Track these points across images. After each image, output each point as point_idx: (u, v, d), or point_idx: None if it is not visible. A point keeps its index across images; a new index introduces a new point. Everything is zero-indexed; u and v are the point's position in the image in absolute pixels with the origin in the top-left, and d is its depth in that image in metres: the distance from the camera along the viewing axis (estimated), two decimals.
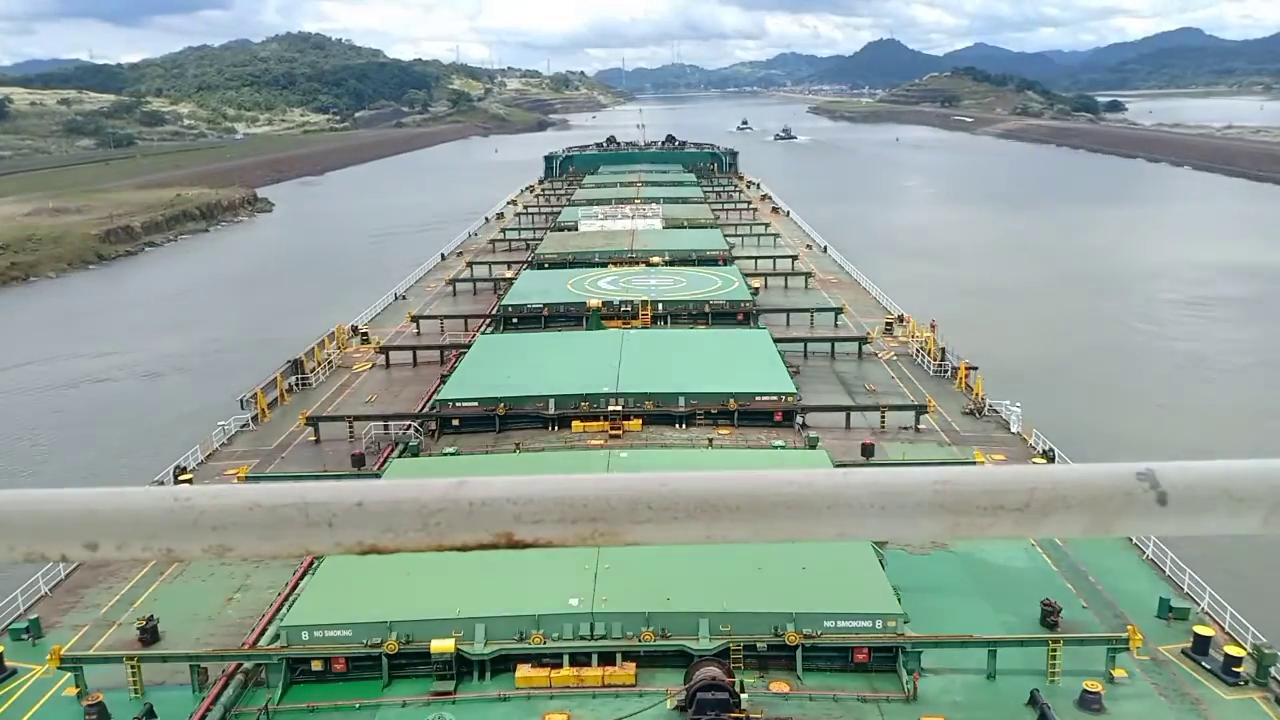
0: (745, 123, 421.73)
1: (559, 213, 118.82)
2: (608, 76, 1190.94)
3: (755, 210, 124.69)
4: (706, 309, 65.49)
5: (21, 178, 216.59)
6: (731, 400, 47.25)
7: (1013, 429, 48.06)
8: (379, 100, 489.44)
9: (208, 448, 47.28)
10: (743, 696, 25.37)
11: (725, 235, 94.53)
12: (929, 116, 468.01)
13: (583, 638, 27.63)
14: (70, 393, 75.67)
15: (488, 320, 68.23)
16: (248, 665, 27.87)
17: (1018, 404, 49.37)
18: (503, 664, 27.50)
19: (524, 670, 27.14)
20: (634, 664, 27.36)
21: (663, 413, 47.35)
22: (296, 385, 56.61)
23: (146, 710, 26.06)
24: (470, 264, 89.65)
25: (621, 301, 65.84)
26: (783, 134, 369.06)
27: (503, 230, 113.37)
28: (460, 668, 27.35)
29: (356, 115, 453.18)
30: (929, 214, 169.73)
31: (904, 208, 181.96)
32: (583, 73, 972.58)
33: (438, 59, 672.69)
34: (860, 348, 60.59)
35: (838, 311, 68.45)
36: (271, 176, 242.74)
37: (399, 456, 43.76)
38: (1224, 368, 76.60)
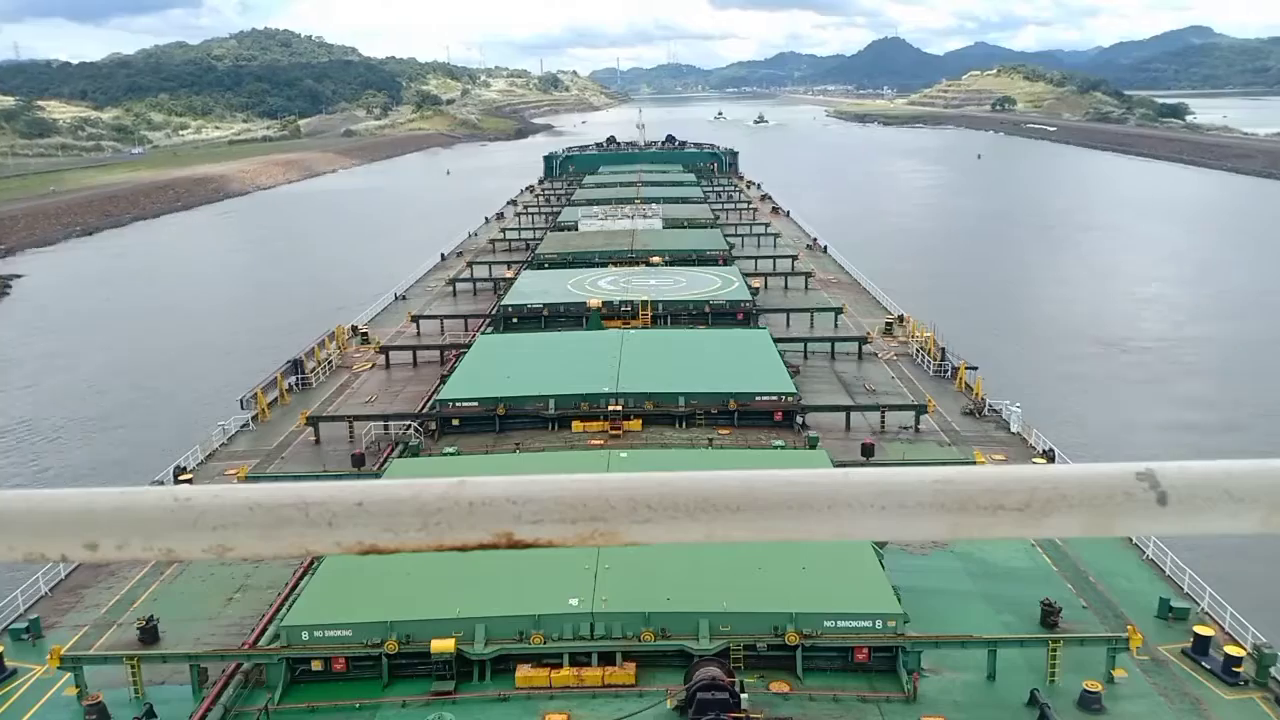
0: (720, 114, 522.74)
1: (559, 213, 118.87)
2: (600, 77, 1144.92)
3: (755, 210, 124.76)
4: (706, 309, 65.46)
5: None
6: (731, 400, 47.23)
7: (1013, 429, 48.08)
8: (339, 103, 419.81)
9: (208, 448, 47.27)
10: (743, 696, 25.33)
11: (725, 235, 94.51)
12: (984, 121, 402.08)
13: (583, 638, 27.61)
14: None
15: (488, 320, 68.25)
16: (248, 665, 27.86)
17: (1017, 404, 49.38)
18: (503, 664, 27.48)
19: (524, 670, 27.12)
20: (634, 664, 27.34)
21: (663, 413, 47.35)
22: (296, 385, 56.67)
23: (146, 710, 26.07)
24: (470, 264, 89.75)
25: (621, 301, 65.81)
26: (758, 120, 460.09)
27: (502, 230, 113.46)
28: (460, 668, 27.32)
29: (301, 123, 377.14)
30: None
31: None
32: (574, 72, 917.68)
33: (414, 57, 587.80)
34: (860, 348, 60.65)
35: (838, 311, 68.47)
36: (91, 224, 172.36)
37: (399, 456, 43.79)
38: None
